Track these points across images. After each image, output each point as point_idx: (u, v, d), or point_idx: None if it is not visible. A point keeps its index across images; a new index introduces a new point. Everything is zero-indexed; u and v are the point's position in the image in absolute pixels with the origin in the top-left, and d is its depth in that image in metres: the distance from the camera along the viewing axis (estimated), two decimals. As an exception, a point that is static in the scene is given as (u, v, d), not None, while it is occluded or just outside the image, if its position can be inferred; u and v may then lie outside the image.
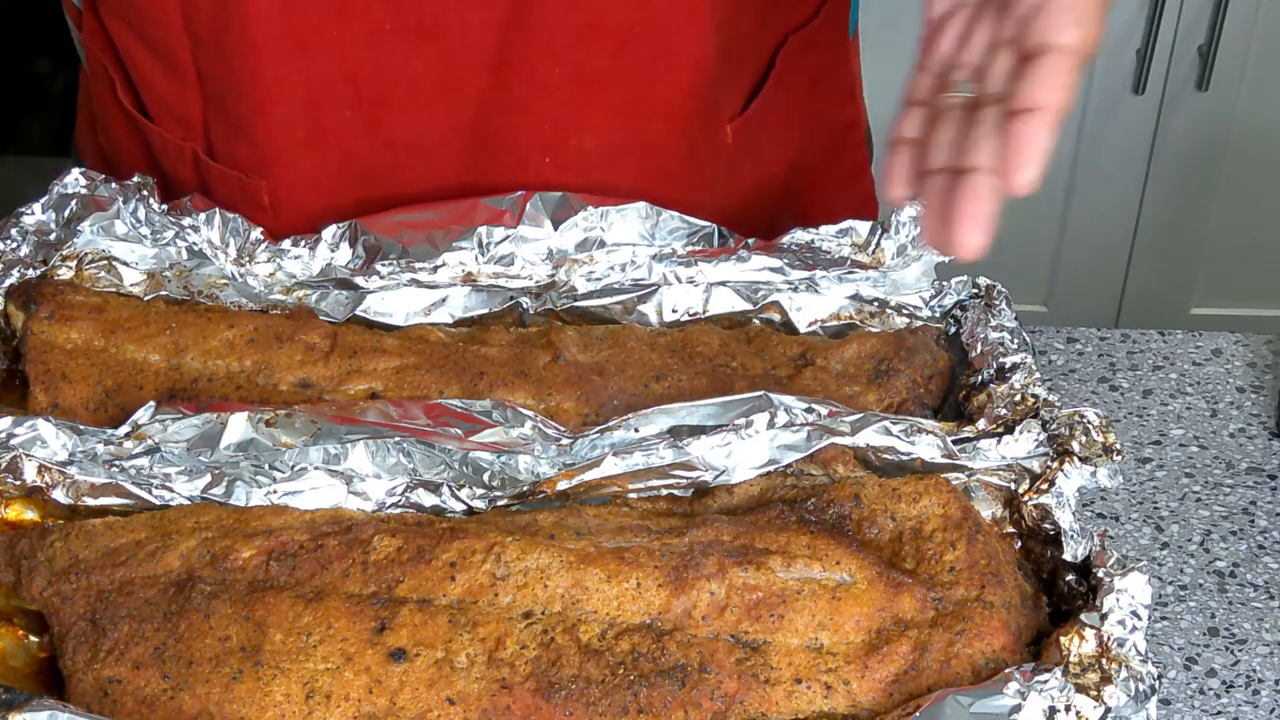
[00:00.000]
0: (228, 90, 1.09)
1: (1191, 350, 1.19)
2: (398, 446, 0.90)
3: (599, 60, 1.07)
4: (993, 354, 0.98)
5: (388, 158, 1.11)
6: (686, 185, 1.14)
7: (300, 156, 1.10)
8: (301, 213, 1.09)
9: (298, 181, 1.10)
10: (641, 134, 1.12)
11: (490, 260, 1.05)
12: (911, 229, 1.05)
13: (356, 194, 1.12)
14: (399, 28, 1.05)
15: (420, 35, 1.06)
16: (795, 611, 0.82)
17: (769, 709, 0.80)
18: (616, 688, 0.79)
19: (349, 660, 0.80)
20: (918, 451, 0.90)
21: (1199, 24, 2.20)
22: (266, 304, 1.04)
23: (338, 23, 1.05)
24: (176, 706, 0.80)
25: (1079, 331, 1.20)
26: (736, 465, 0.89)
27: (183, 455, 0.90)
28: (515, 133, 1.10)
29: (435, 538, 0.85)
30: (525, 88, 1.08)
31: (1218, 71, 2.22)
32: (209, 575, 0.84)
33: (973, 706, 0.76)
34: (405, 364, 0.99)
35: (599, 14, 1.05)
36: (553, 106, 1.09)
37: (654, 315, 1.05)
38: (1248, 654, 0.95)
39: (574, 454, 0.90)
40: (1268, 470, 1.08)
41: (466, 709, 0.79)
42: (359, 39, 1.06)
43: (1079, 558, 0.86)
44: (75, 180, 1.06)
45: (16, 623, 0.87)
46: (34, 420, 0.90)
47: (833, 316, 1.05)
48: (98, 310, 1.00)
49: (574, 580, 0.83)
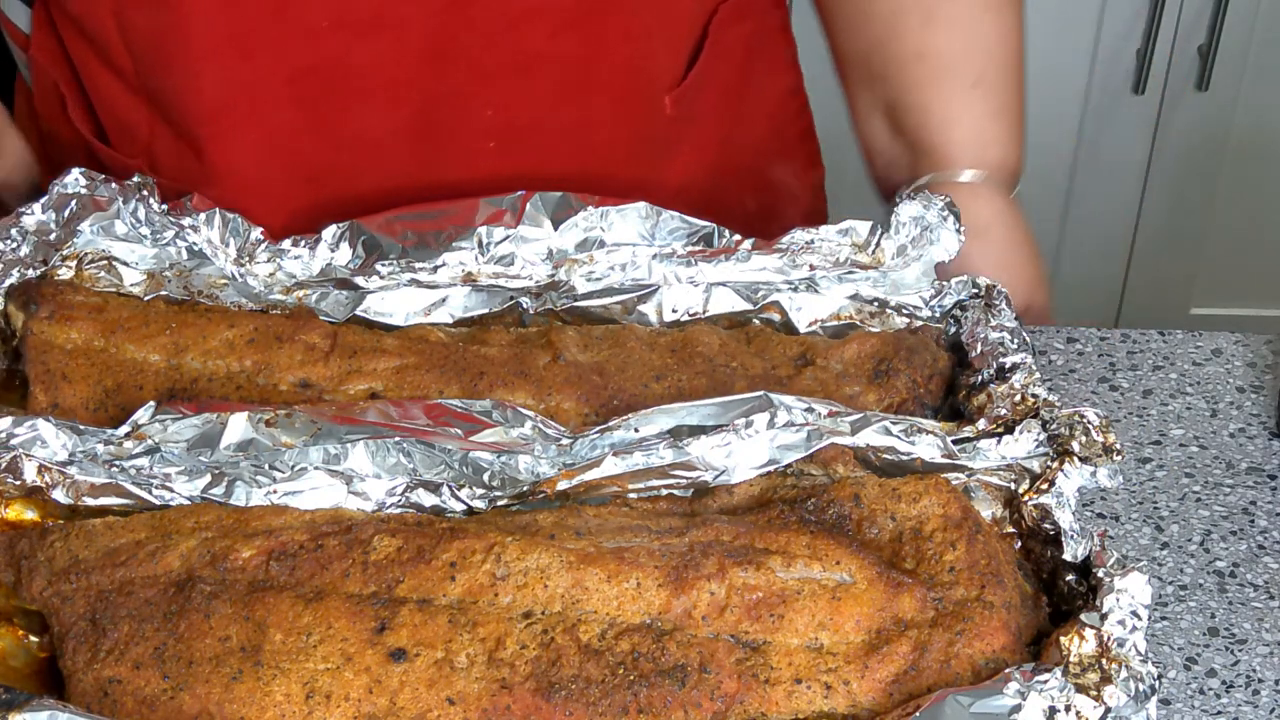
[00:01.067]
0: (172, 102, 1.11)
1: (1191, 350, 1.19)
2: (398, 446, 0.90)
3: (536, 43, 1.09)
4: (993, 354, 0.98)
5: (335, 157, 1.12)
6: (628, 158, 1.16)
7: (249, 163, 1.12)
8: (251, 220, 1.09)
9: (247, 188, 1.10)
10: (582, 111, 1.13)
11: (490, 260, 1.05)
12: (912, 229, 1.05)
13: (307, 197, 1.13)
14: (337, 24, 1.06)
15: (359, 31, 1.07)
16: (795, 611, 0.82)
17: (769, 709, 0.80)
18: (616, 688, 0.79)
19: (349, 660, 0.80)
20: (918, 451, 0.90)
21: (1199, 24, 2.20)
22: (266, 304, 1.04)
23: (276, 23, 1.06)
24: (176, 706, 0.80)
25: (1079, 331, 1.20)
26: (736, 465, 0.89)
27: (183, 455, 0.90)
28: (459, 121, 1.11)
29: (435, 538, 0.85)
30: (466, 76, 1.09)
31: (1218, 71, 2.22)
32: (209, 575, 0.84)
33: (973, 706, 0.76)
34: (405, 364, 0.99)
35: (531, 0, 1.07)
36: (494, 92, 1.11)
37: (654, 315, 1.05)
38: (1248, 654, 0.95)
39: (574, 454, 0.90)
40: (1268, 470, 1.08)
41: (466, 709, 0.79)
42: (299, 38, 1.07)
43: (1079, 558, 0.86)
44: (75, 180, 1.06)
45: (16, 623, 0.87)
46: (34, 420, 0.90)
47: (833, 316, 1.05)
48: (98, 310, 1.00)
49: (574, 580, 0.83)
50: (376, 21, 1.07)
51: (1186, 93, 2.25)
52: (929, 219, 1.05)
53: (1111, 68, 2.24)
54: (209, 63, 1.08)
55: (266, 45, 1.07)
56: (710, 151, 1.21)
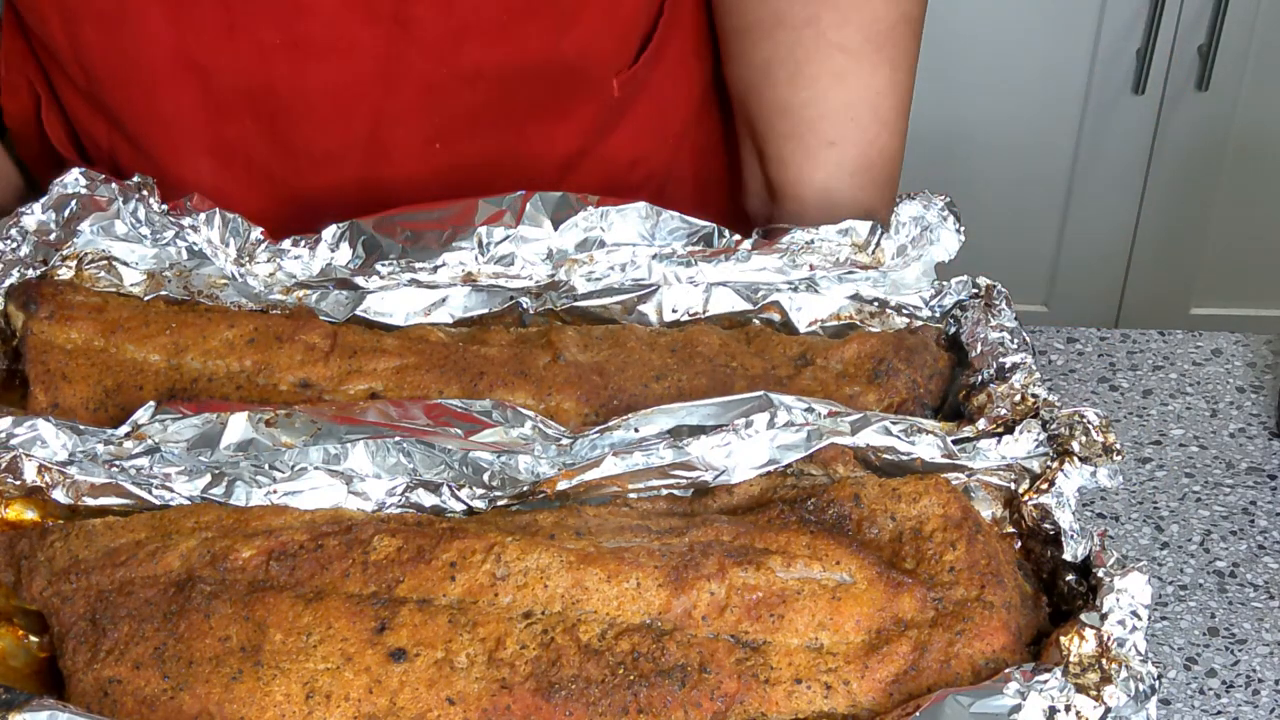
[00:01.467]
0: (126, 115, 1.12)
1: (1191, 350, 1.19)
2: (398, 446, 0.90)
3: (476, 54, 1.10)
4: (993, 354, 0.98)
5: (291, 164, 1.13)
6: (575, 135, 1.18)
7: (205, 171, 1.14)
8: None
9: (205, 195, 1.11)
10: (529, 104, 1.15)
11: (490, 260, 1.05)
12: (912, 229, 1.05)
13: (264, 202, 1.14)
14: (288, 44, 1.07)
15: (310, 53, 1.08)
16: (795, 611, 0.82)
17: (769, 709, 0.80)
18: (616, 688, 0.79)
19: (349, 660, 0.80)
20: (918, 451, 0.90)
21: (1199, 24, 2.20)
22: (266, 304, 1.04)
23: (228, 40, 1.07)
24: (176, 706, 0.80)
25: (1079, 331, 1.20)
26: (736, 465, 0.89)
27: (183, 455, 0.90)
28: (409, 132, 1.14)
29: (435, 538, 0.85)
30: (414, 91, 1.11)
31: (1218, 71, 2.22)
32: (209, 575, 0.84)
33: (973, 706, 0.76)
34: (405, 364, 0.99)
35: (472, 15, 1.08)
36: (441, 102, 1.12)
37: (654, 315, 1.05)
38: (1248, 654, 0.95)
39: (574, 454, 0.90)
40: (1268, 470, 1.08)
41: (466, 709, 0.79)
42: (251, 56, 1.08)
43: (1079, 558, 0.86)
44: (75, 180, 1.05)
45: (16, 623, 0.87)
46: (34, 420, 0.90)
47: (833, 316, 1.05)
48: (98, 310, 1.00)
49: (574, 580, 0.83)
50: (326, 46, 1.08)
51: (1186, 93, 2.25)
52: (929, 219, 1.05)
53: (1111, 68, 2.24)
54: (161, 79, 1.09)
55: (221, 63, 1.09)
56: (661, 127, 1.23)
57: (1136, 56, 2.22)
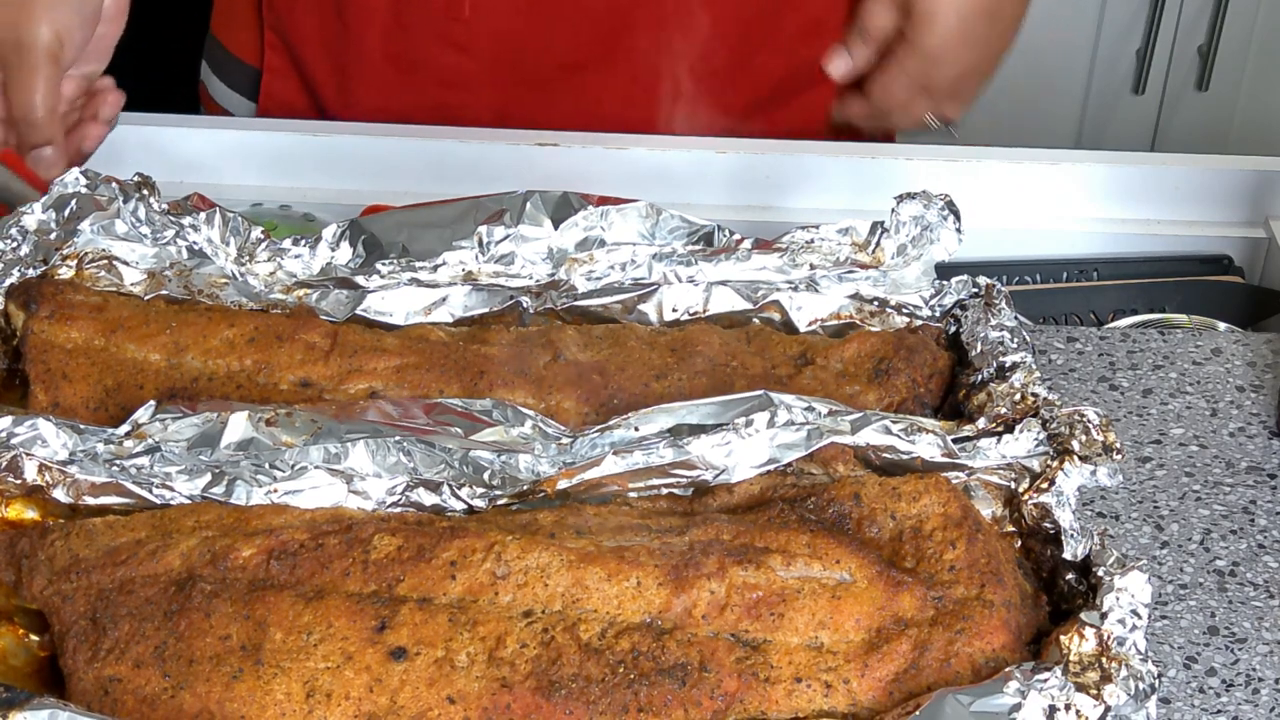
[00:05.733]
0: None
1: (1191, 349, 1.19)
2: (398, 445, 0.90)
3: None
4: (992, 353, 0.98)
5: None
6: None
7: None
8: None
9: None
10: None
11: (490, 259, 1.05)
12: (912, 228, 1.06)
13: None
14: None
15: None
16: (795, 610, 0.82)
17: (769, 708, 0.80)
18: (617, 686, 0.79)
19: (349, 659, 0.80)
20: (918, 450, 0.90)
21: (1199, 24, 2.20)
22: (267, 303, 1.04)
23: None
24: (177, 705, 0.80)
25: (1079, 331, 1.20)
26: (736, 464, 0.89)
27: (183, 454, 0.90)
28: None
29: (435, 536, 0.85)
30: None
31: (1218, 71, 2.22)
32: (209, 574, 0.84)
33: (973, 705, 0.76)
34: (405, 363, 0.99)
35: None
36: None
37: (654, 314, 1.05)
38: (1247, 653, 0.95)
39: (574, 453, 0.90)
40: (1268, 470, 1.08)
41: (467, 708, 0.79)
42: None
43: (1079, 556, 0.86)
44: (75, 180, 1.06)
45: (17, 621, 0.87)
46: (34, 419, 0.90)
47: (833, 316, 1.05)
48: (98, 309, 1.00)
49: (574, 579, 0.83)
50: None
51: (1186, 93, 2.26)
52: (929, 218, 1.05)
53: (1111, 68, 2.24)
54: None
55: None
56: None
57: (1136, 56, 2.23)
